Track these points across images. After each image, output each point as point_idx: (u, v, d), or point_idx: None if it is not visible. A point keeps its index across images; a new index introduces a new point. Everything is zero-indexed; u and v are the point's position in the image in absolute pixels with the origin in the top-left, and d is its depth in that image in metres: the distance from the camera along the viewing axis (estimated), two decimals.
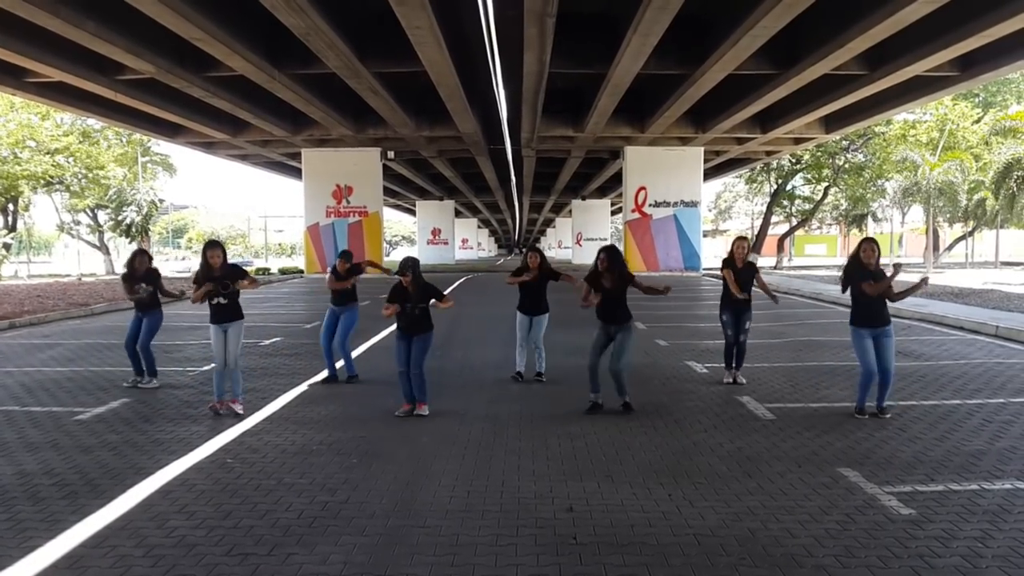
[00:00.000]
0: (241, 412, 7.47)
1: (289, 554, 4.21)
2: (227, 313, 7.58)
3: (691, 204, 36.59)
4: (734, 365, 8.99)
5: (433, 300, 7.44)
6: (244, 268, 7.89)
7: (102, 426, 7.07)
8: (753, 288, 8.87)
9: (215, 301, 7.51)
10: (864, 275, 7.10)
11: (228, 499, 5.08)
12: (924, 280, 7.51)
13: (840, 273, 7.69)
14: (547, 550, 4.26)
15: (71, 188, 43.53)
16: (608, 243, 8.35)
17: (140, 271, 9.21)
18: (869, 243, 7.25)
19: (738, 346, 8.94)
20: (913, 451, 6.06)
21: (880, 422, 7.01)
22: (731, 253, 9.05)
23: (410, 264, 7.40)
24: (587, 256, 55.29)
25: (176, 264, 59.50)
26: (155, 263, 9.87)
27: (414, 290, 7.33)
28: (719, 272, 9.28)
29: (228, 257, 7.88)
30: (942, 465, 5.71)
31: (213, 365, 10.37)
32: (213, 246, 7.72)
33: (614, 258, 7.46)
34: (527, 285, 8.97)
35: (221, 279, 7.51)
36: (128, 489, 5.26)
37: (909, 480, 5.37)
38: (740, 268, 8.87)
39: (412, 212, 75.68)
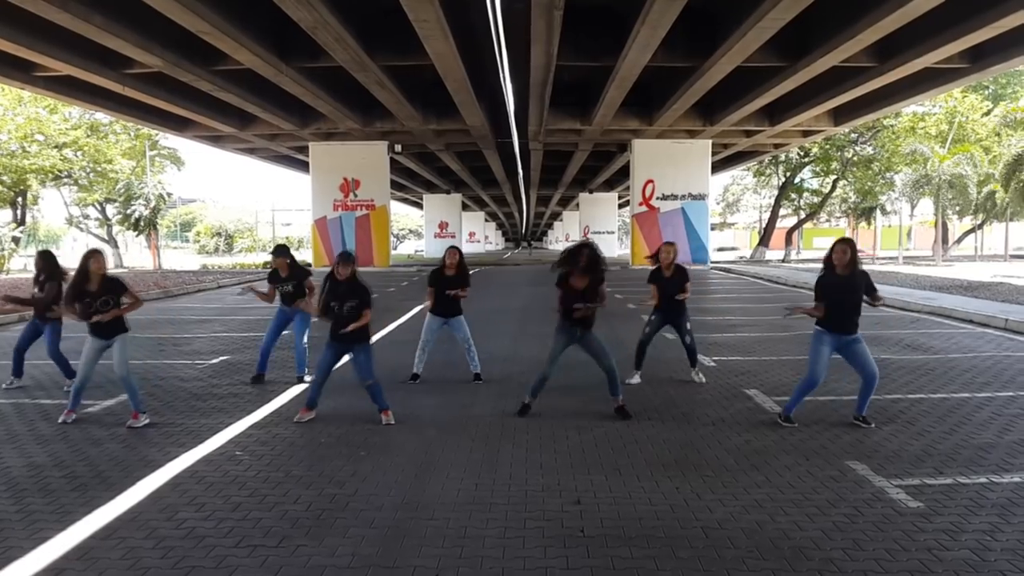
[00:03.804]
0: (139, 425, 6.77)
1: (298, 546, 4.23)
2: (109, 328, 6.78)
3: (699, 197, 36.50)
4: (691, 364, 8.79)
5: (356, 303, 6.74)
6: (123, 282, 7.00)
7: (112, 418, 7.11)
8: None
9: (94, 320, 6.68)
10: (831, 282, 6.51)
11: (237, 491, 5.10)
12: None
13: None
14: (554, 543, 4.26)
15: (79, 182, 43.72)
16: (587, 239, 7.32)
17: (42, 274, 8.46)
18: (841, 244, 6.48)
19: (687, 347, 8.70)
20: (921, 444, 6.05)
21: (887, 415, 6.97)
22: (658, 263, 8.48)
23: (353, 257, 6.90)
24: None
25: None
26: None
27: (347, 285, 6.75)
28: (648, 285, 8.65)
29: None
30: (951, 458, 5.69)
31: (222, 359, 10.47)
32: (95, 255, 6.77)
33: (595, 262, 6.79)
34: (444, 284, 8.49)
35: (100, 296, 6.67)
36: (137, 481, 5.29)
37: (917, 473, 5.36)
38: (668, 278, 8.42)
39: (419, 205, 75.77)
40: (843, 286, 6.46)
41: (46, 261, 8.55)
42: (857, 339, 6.53)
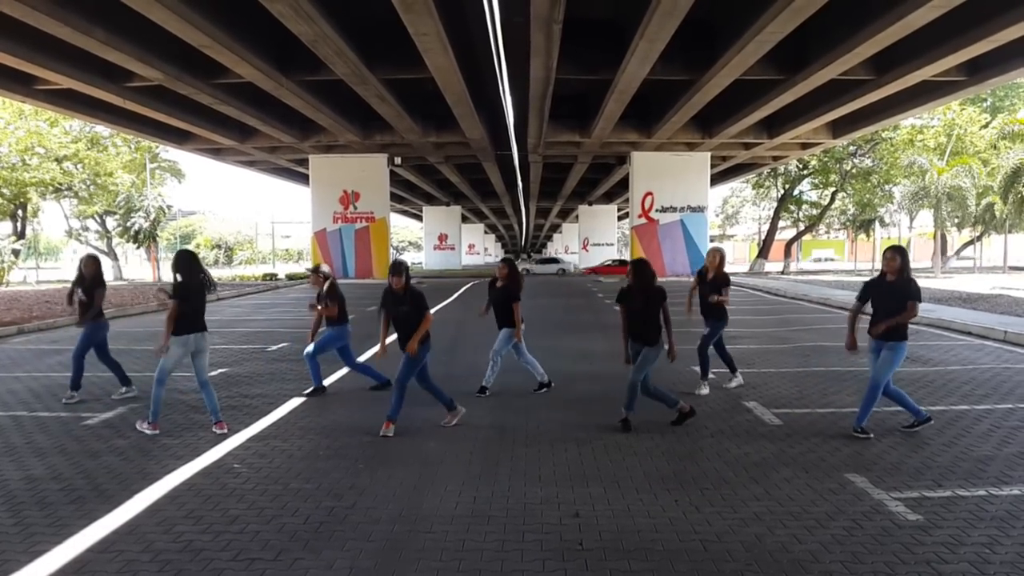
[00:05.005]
0: (152, 433, 6.95)
1: (295, 559, 4.22)
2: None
3: (698, 209, 36.59)
4: (702, 376, 8.89)
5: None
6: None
7: (109, 431, 7.09)
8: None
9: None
10: (878, 286, 6.67)
11: (235, 504, 5.09)
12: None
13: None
14: (553, 556, 4.25)
15: (79, 194, 43.83)
16: (641, 257, 7.43)
17: (87, 277, 8.53)
18: (890, 252, 6.63)
19: (700, 351, 8.87)
20: (921, 457, 6.04)
21: (886, 427, 6.96)
22: (705, 264, 9.01)
23: (405, 267, 6.98)
24: (593, 261, 55.29)
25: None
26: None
27: (403, 292, 6.91)
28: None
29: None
30: (950, 471, 5.68)
31: (220, 371, 10.46)
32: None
33: (640, 274, 7.00)
34: (494, 296, 8.66)
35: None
36: (135, 494, 5.27)
37: (916, 486, 5.34)
38: (709, 281, 8.75)
39: (419, 218, 75.94)
40: (887, 292, 6.57)
41: (97, 265, 8.67)
42: (889, 347, 6.54)
